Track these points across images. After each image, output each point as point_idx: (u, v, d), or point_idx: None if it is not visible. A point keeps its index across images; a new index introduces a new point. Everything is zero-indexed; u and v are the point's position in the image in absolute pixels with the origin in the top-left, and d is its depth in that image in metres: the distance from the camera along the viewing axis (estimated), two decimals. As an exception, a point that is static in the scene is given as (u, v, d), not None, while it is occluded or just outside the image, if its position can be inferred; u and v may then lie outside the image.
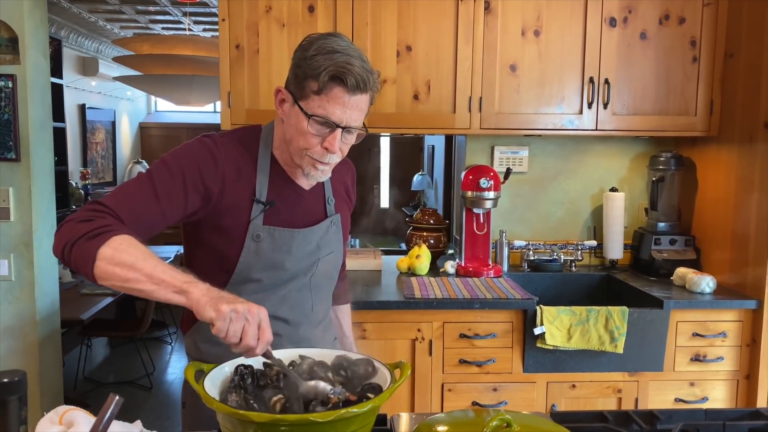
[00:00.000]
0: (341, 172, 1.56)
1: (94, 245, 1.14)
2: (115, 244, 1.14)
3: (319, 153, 1.32)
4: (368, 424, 1.03)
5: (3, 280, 2.78)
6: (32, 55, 2.74)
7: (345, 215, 1.57)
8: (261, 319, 1.07)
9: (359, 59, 1.28)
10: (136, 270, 1.12)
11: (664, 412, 1.26)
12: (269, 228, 1.38)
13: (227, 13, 2.47)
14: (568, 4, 2.57)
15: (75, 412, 1.08)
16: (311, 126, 1.29)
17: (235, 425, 0.97)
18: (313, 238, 1.44)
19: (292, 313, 1.45)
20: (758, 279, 2.43)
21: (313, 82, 1.27)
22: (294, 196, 1.43)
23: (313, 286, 1.48)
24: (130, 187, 1.30)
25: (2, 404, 0.62)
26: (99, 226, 1.17)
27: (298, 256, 1.42)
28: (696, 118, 2.66)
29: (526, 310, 2.37)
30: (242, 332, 1.05)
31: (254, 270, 1.39)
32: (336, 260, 1.53)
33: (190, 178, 1.31)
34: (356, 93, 1.28)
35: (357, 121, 1.31)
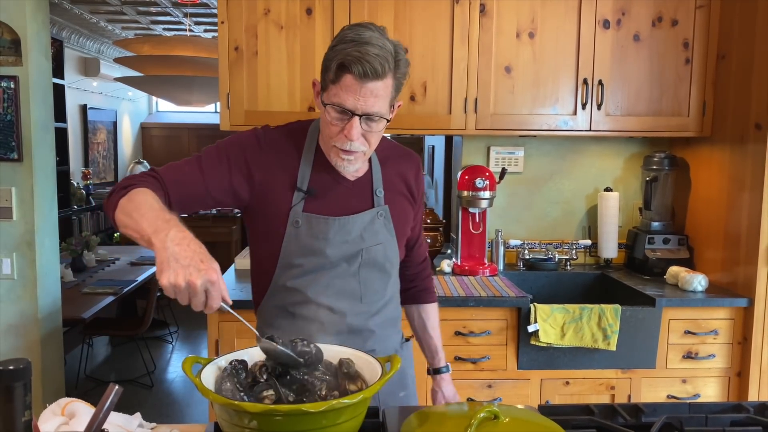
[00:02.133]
0: (401, 165, 1.55)
1: (119, 196, 1.25)
2: (131, 194, 1.23)
3: (340, 141, 1.35)
4: (359, 414, 1.07)
5: (5, 279, 2.82)
6: (34, 57, 2.78)
7: (402, 208, 1.54)
8: (207, 288, 1.04)
9: (378, 47, 1.28)
10: (132, 218, 1.18)
11: (648, 405, 1.29)
12: (307, 215, 1.42)
13: (226, 15, 2.51)
14: (562, 7, 2.61)
15: (76, 404, 1.12)
16: (329, 114, 1.33)
17: (231, 416, 1.01)
18: (353, 227, 1.44)
19: (337, 302, 1.45)
20: (749, 277, 2.46)
21: (329, 72, 1.32)
22: (336, 185, 1.45)
23: (362, 277, 1.47)
24: (181, 162, 1.40)
25: (8, 390, 0.65)
26: (134, 182, 1.28)
27: (336, 244, 1.43)
28: (689, 119, 2.69)
29: (521, 308, 2.41)
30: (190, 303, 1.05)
31: (295, 255, 1.42)
32: (387, 253, 1.49)
33: (234, 158, 1.40)
34: (367, 80, 1.28)
35: (374, 107, 1.31)
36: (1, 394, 0.65)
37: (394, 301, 1.58)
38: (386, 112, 1.35)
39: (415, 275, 1.70)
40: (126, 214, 1.20)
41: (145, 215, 1.16)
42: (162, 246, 1.06)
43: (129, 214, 1.19)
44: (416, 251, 1.69)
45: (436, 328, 1.73)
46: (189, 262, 1.04)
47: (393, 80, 1.33)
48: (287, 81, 2.55)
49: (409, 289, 1.69)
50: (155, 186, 1.31)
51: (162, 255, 1.05)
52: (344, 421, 1.02)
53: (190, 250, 1.06)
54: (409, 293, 1.70)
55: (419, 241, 1.69)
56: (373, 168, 1.50)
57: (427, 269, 1.74)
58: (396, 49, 1.33)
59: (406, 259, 1.64)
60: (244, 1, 2.51)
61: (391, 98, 1.35)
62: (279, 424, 0.99)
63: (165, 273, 1.03)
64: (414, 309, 1.72)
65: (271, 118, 2.54)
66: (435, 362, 1.73)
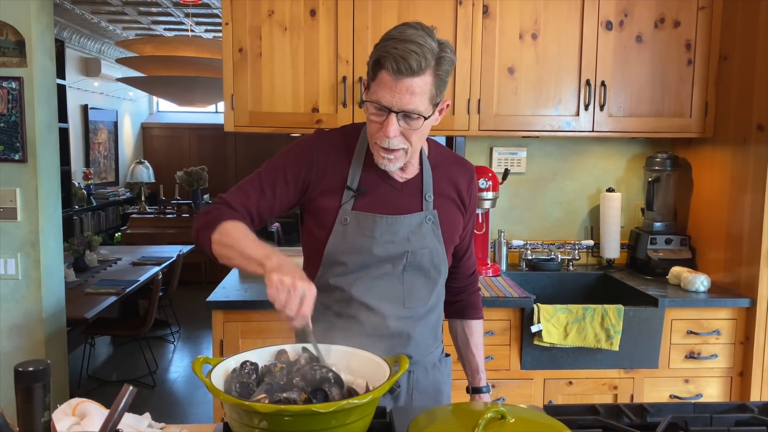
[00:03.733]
0: (454, 171, 1.54)
1: (210, 232, 1.36)
2: (221, 229, 1.35)
3: (380, 138, 1.36)
4: (368, 415, 1.08)
5: (10, 279, 2.83)
6: (39, 58, 2.78)
7: (452, 215, 1.52)
8: (304, 294, 1.15)
9: (418, 45, 1.28)
10: (234, 249, 1.31)
11: (653, 405, 1.30)
12: (356, 213, 1.44)
13: (230, 17, 2.52)
14: (565, 8, 2.62)
15: (87, 404, 1.13)
16: (369, 110, 1.36)
17: (241, 416, 1.02)
18: (401, 228, 1.44)
19: (379, 303, 1.45)
20: (751, 278, 2.47)
21: (370, 68, 1.36)
22: (386, 186, 1.46)
23: (405, 279, 1.46)
24: (244, 183, 1.48)
25: (28, 391, 0.66)
26: (213, 217, 1.39)
27: (382, 243, 1.43)
28: (691, 120, 2.70)
29: (524, 308, 2.42)
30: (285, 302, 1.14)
31: (341, 253, 1.44)
32: (433, 259, 1.48)
33: (291, 173, 1.46)
34: (402, 77, 1.28)
35: (411, 104, 1.31)
36: (20, 394, 0.66)
37: (437, 310, 1.56)
38: (426, 109, 1.33)
39: (462, 289, 1.66)
40: (226, 246, 1.33)
41: (248, 245, 1.29)
42: (276, 263, 1.20)
43: (230, 247, 1.32)
44: (465, 263, 1.64)
45: (480, 346, 1.68)
46: (295, 273, 1.17)
47: (432, 77, 1.31)
48: (291, 82, 2.56)
49: (455, 302, 1.66)
50: (231, 213, 1.40)
51: (273, 264, 1.19)
52: (353, 422, 1.04)
53: (300, 272, 1.20)
54: (454, 307, 1.67)
55: (468, 252, 1.64)
56: (424, 172, 1.49)
57: (475, 284, 1.69)
58: (442, 48, 1.32)
59: (454, 271, 1.61)
60: (248, 2, 2.52)
61: (431, 95, 1.33)
62: (288, 424, 1.00)
63: (276, 273, 1.16)
64: (458, 324, 1.68)
65: (275, 119, 2.55)
66: (475, 381, 1.68)
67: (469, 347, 1.68)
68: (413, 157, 1.45)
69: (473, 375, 1.68)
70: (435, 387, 1.57)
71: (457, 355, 1.71)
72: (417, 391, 1.52)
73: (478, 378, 1.68)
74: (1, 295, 2.83)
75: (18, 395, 0.68)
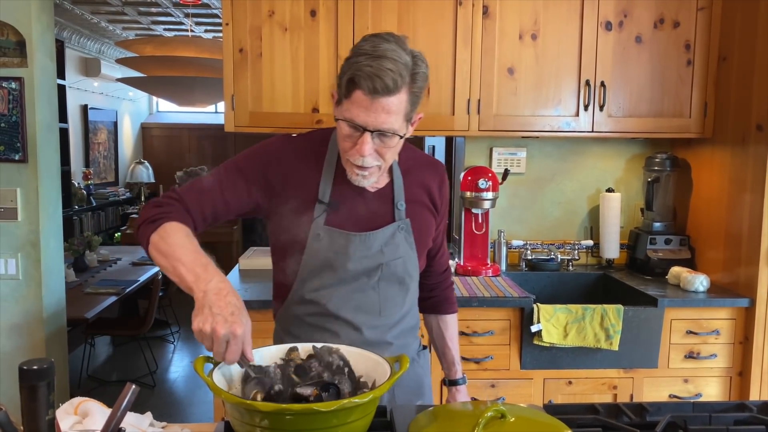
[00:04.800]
0: (424, 175, 1.52)
1: (150, 230, 1.27)
2: (162, 232, 1.26)
3: (353, 156, 1.33)
4: (369, 414, 1.08)
5: (10, 279, 2.83)
6: (39, 58, 2.79)
7: (424, 220, 1.52)
8: (229, 339, 1.08)
9: (392, 61, 1.25)
10: (168, 260, 1.22)
11: (653, 404, 1.30)
12: (329, 229, 1.40)
13: (231, 17, 2.52)
14: (565, 8, 2.62)
15: (89, 403, 1.13)
16: (342, 128, 1.32)
17: (243, 414, 1.02)
18: (374, 242, 1.42)
19: (357, 315, 1.44)
20: (751, 278, 2.48)
21: (341, 86, 1.30)
22: (358, 198, 1.43)
23: (381, 290, 1.45)
24: (202, 179, 1.42)
25: (32, 389, 0.67)
26: (160, 212, 1.30)
27: (356, 259, 1.41)
28: (690, 120, 2.71)
29: (524, 308, 2.42)
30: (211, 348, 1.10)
31: (315, 268, 1.42)
32: (407, 267, 1.47)
33: (253, 172, 1.41)
34: (378, 96, 1.25)
35: (386, 123, 1.28)
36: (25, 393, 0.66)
37: (413, 310, 1.57)
38: (400, 127, 1.31)
39: (435, 285, 1.67)
40: (162, 254, 1.24)
41: (181, 260, 1.20)
42: (203, 295, 1.12)
43: (165, 256, 1.23)
44: (438, 261, 1.65)
45: (455, 339, 1.71)
46: (219, 312, 1.09)
47: (408, 95, 1.29)
48: (291, 83, 2.56)
49: (429, 298, 1.68)
50: (180, 212, 1.33)
51: (200, 302, 1.12)
52: (354, 420, 1.04)
53: (225, 301, 1.11)
54: (429, 302, 1.68)
55: (441, 250, 1.65)
56: (395, 180, 1.47)
57: (448, 279, 1.71)
58: (415, 61, 1.29)
59: (428, 269, 1.62)
60: (249, 2, 2.52)
61: (406, 113, 1.31)
62: (290, 423, 1.00)
63: (197, 318, 1.10)
64: (433, 318, 1.71)
65: (275, 119, 2.56)
66: (452, 373, 1.71)
67: (444, 341, 1.70)
68: (386, 170, 1.42)
69: (449, 368, 1.71)
70: (416, 381, 1.59)
71: (434, 348, 1.74)
72: (399, 388, 1.51)
73: (455, 370, 1.71)
74: (2, 295, 2.84)
75: (22, 394, 0.68)
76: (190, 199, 1.36)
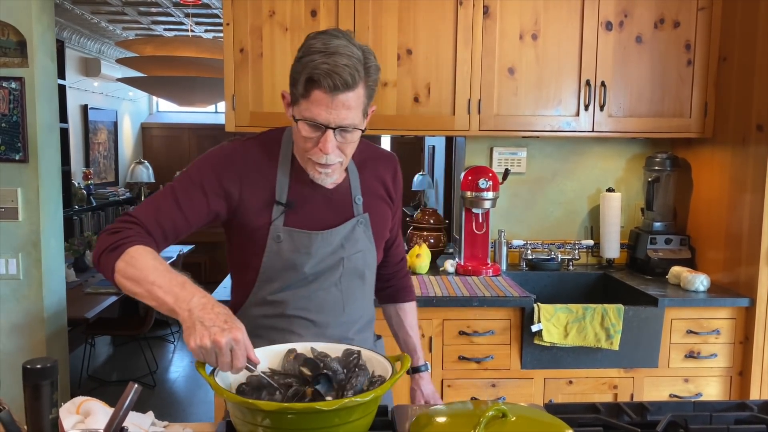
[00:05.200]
0: (378, 167, 1.53)
1: (113, 258, 1.22)
2: (127, 257, 1.21)
3: (316, 155, 1.32)
4: (370, 413, 1.08)
5: (11, 279, 2.84)
6: (40, 59, 2.79)
7: (381, 213, 1.53)
8: (232, 347, 1.07)
9: (346, 56, 1.24)
10: (141, 285, 1.18)
11: (653, 404, 1.31)
12: (289, 229, 1.39)
13: (231, 17, 2.53)
14: (565, 9, 2.63)
15: (91, 403, 1.13)
16: (302, 129, 1.30)
17: (245, 414, 1.02)
18: (335, 239, 1.43)
19: (319, 314, 1.44)
20: (751, 277, 2.48)
21: (299, 85, 1.28)
22: (316, 196, 1.43)
23: (344, 287, 1.46)
24: (156, 198, 1.37)
25: (36, 388, 0.67)
26: (121, 238, 1.24)
27: (319, 257, 1.41)
28: (690, 120, 2.71)
29: (524, 307, 2.43)
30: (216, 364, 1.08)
31: (276, 269, 1.41)
32: (366, 260, 1.49)
33: (209, 182, 1.37)
34: (338, 93, 1.25)
35: (348, 119, 1.28)
36: (28, 392, 0.66)
37: (371, 303, 1.59)
38: (360, 121, 1.32)
39: (392, 275, 1.69)
40: (131, 280, 1.19)
41: (156, 282, 1.16)
42: (188, 315, 1.10)
43: (136, 282, 1.18)
44: (394, 251, 1.67)
45: (415, 327, 1.72)
46: (212, 324, 1.08)
47: (365, 89, 1.30)
48: (292, 82, 2.56)
49: (387, 288, 1.69)
50: (141, 235, 1.28)
51: (188, 321, 1.10)
52: (356, 420, 1.04)
53: (214, 313, 1.10)
54: (386, 292, 1.70)
55: (397, 240, 1.67)
56: (351, 175, 1.48)
57: (404, 268, 1.72)
58: (365, 55, 1.29)
59: (385, 259, 1.63)
60: (249, 3, 2.52)
61: (364, 107, 1.32)
62: (291, 422, 1.00)
63: (192, 337, 1.07)
64: (392, 308, 1.72)
65: (276, 119, 2.56)
66: (414, 361, 1.71)
67: (404, 329, 1.71)
68: (346, 166, 1.42)
69: (411, 355, 1.71)
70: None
71: (394, 337, 1.74)
72: None
73: (416, 358, 1.71)
74: (3, 295, 2.84)
75: (26, 393, 0.68)
76: (148, 220, 1.31)
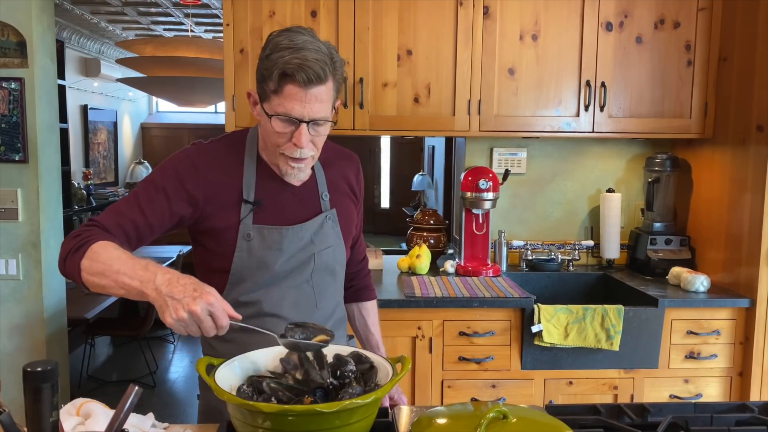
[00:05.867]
0: (342, 166, 1.57)
1: (78, 258, 1.22)
2: (90, 254, 1.21)
3: (290, 150, 1.34)
4: (371, 414, 1.08)
5: (11, 280, 2.83)
6: (40, 59, 2.79)
7: (347, 209, 1.56)
8: (211, 310, 1.08)
9: (314, 51, 1.28)
10: (106, 277, 1.18)
11: (654, 405, 1.31)
12: (259, 227, 1.40)
13: (231, 18, 2.52)
14: (565, 9, 2.62)
15: (91, 404, 1.13)
16: (276, 125, 1.32)
17: (245, 415, 1.02)
18: (305, 234, 1.45)
19: (293, 311, 1.45)
20: (751, 278, 2.48)
21: (270, 82, 1.30)
22: (284, 193, 1.45)
23: (315, 283, 1.48)
24: (118, 203, 1.38)
25: (37, 391, 0.67)
26: (82, 239, 1.25)
27: (290, 253, 1.43)
28: (691, 121, 2.71)
29: (524, 308, 2.42)
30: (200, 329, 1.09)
31: (247, 269, 1.41)
32: (336, 255, 1.51)
33: (172, 187, 1.38)
34: (311, 86, 1.28)
35: (320, 112, 1.32)
36: (29, 395, 0.66)
37: (341, 302, 1.61)
38: (330, 114, 1.36)
39: (355, 274, 1.70)
40: (98, 274, 1.19)
41: (120, 270, 1.16)
42: (156, 293, 1.10)
43: (102, 274, 1.19)
44: (357, 249, 1.69)
45: (377, 325, 1.74)
46: (183, 295, 1.08)
47: (333, 82, 1.33)
48: (292, 83, 2.56)
49: (349, 287, 1.70)
50: (101, 233, 1.28)
51: (159, 300, 1.10)
52: (356, 421, 1.04)
53: (181, 285, 1.10)
54: (349, 291, 1.70)
55: (360, 239, 1.70)
56: (317, 172, 1.50)
57: (366, 267, 1.75)
58: (330, 50, 1.32)
59: (348, 258, 1.64)
60: (250, 3, 2.52)
61: (333, 100, 1.36)
62: (292, 424, 1.00)
63: (166, 313, 1.08)
64: (354, 307, 1.73)
65: (276, 119, 2.55)
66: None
67: (367, 327, 1.73)
68: (316, 160, 1.44)
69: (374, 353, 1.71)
70: None
71: (356, 336, 1.75)
72: None
73: (379, 354, 1.70)
74: (3, 296, 2.84)
75: (26, 395, 0.68)
76: (109, 222, 1.32)
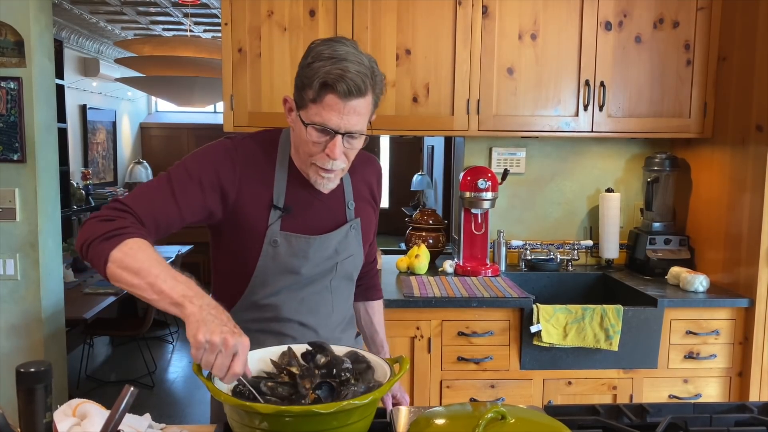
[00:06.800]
0: (365, 172, 1.55)
1: (108, 247, 1.17)
2: (126, 248, 1.17)
3: (322, 160, 1.33)
4: (369, 415, 1.08)
5: (9, 280, 2.83)
6: (38, 59, 2.78)
7: (368, 216, 1.55)
8: (237, 351, 1.04)
9: (356, 63, 1.26)
10: (141, 277, 1.14)
11: (653, 405, 1.30)
12: (286, 234, 1.39)
13: (230, 17, 2.52)
14: (564, 9, 2.62)
15: (87, 405, 1.13)
16: (311, 134, 1.30)
17: (242, 416, 1.02)
18: (331, 243, 1.44)
19: (311, 317, 1.45)
20: (750, 278, 2.48)
21: (309, 90, 1.28)
22: (312, 201, 1.43)
23: (334, 288, 1.49)
24: (150, 187, 1.33)
25: (30, 392, 0.66)
26: (116, 227, 1.20)
27: (315, 262, 1.42)
28: (690, 120, 2.70)
29: (523, 308, 2.42)
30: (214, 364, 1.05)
31: (271, 274, 1.41)
32: (355, 262, 1.52)
33: (207, 177, 1.34)
34: (351, 98, 1.26)
35: (357, 125, 1.30)
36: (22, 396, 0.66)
37: (352, 301, 1.62)
38: (365, 128, 1.33)
39: (364, 273, 1.69)
40: (130, 272, 1.15)
41: (160, 276, 1.13)
42: (198, 309, 1.07)
43: (137, 274, 1.15)
44: (369, 251, 1.67)
45: (382, 324, 1.76)
46: (224, 324, 1.06)
47: (372, 96, 1.32)
48: (290, 83, 2.53)
49: (358, 286, 1.69)
50: (137, 226, 1.24)
51: (198, 315, 1.06)
52: (354, 422, 1.04)
53: (225, 317, 1.09)
54: (357, 291, 1.70)
55: (372, 240, 1.68)
56: (344, 180, 1.48)
57: (375, 267, 1.75)
58: (371, 63, 1.31)
59: None
60: (248, 2, 2.52)
61: (370, 114, 1.34)
62: (289, 425, 1.00)
63: (202, 329, 1.04)
64: (361, 305, 1.73)
65: (274, 119, 2.55)
66: (380, 355, 1.73)
67: (373, 326, 1.74)
68: (345, 172, 1.42)
69: (378, 351, 1.74)
70: None
71: (362, 334, 1.76)
72: None
73: (383, 353, 1.74)
74: (0, 296, 2.83)
75: (20, 396, 0.68)
76: (142, 211, 1.27)
